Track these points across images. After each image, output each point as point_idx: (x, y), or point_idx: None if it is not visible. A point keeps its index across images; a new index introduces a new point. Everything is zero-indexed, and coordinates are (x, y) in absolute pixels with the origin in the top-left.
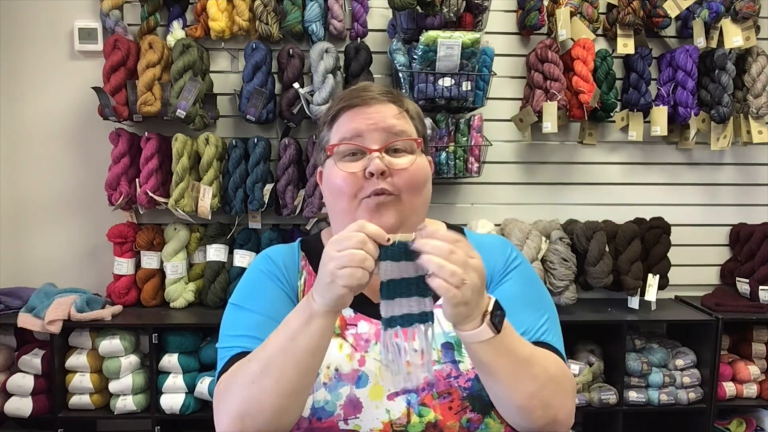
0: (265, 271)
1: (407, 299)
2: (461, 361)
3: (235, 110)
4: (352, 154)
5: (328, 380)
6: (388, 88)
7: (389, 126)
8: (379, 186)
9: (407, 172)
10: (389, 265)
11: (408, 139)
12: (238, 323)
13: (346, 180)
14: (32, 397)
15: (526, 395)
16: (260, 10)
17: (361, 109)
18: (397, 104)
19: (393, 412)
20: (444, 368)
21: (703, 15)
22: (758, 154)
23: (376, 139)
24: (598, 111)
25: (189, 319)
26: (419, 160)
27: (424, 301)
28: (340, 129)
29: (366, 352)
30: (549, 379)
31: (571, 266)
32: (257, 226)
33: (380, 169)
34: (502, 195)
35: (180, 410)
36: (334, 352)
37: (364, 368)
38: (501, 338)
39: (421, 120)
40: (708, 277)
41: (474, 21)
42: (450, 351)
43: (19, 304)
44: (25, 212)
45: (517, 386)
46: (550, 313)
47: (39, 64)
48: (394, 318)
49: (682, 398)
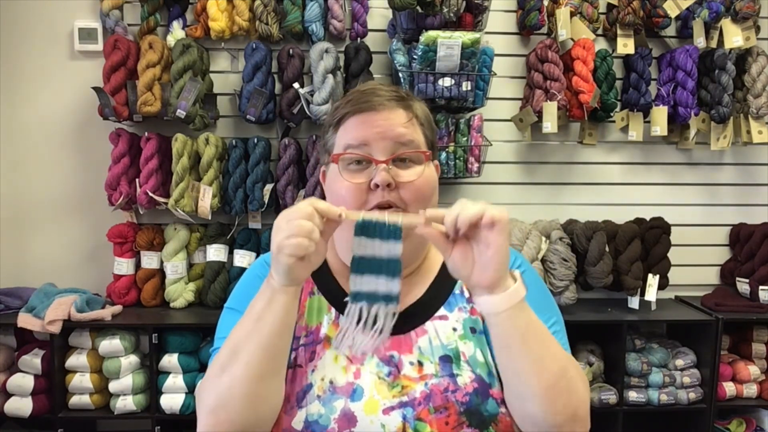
0: (261, 276)
1: (375, 277)
2: (459, 374)
3: (235, 110)
4: (357, 162)
5: (323, 393)
6: (398, 91)
7: (397, 135)
8: (385, 198)
9: (414, 186)
10: (362, 240)
11: (416, 152)
12: (229, 326)
13: (351, 192)
14: (32, 397)
15: (553, 374)
16: (260, 10)
17: (368, 115)
18: (406, 110)
19: (388, 427)
20: (441, 382)
21: (703, 15)
22: (758, 154)
23: (382, 148)
24: (598, 111)
25: (189, 319)
26: (427, 172)
27: (393, 282)
28: (346, 135)
29: (362, 364)
30: (569, 361)
31: (571, 266)
32: (257, 226)
33: (386, 182)
34: (502, 195)
35: (180, 410)
36: (330, 364)
37: (359, 381)
38: (527, 307)
39: (430, 125)
40: (708, 277)
41: (474, 21)
42: (448, 364)
43: (19, 304)
44: (25, 212)
45: (544, 363)
46: (556, 317)
47: (39, 64)
48: (360, 293)
49: (682, 398)
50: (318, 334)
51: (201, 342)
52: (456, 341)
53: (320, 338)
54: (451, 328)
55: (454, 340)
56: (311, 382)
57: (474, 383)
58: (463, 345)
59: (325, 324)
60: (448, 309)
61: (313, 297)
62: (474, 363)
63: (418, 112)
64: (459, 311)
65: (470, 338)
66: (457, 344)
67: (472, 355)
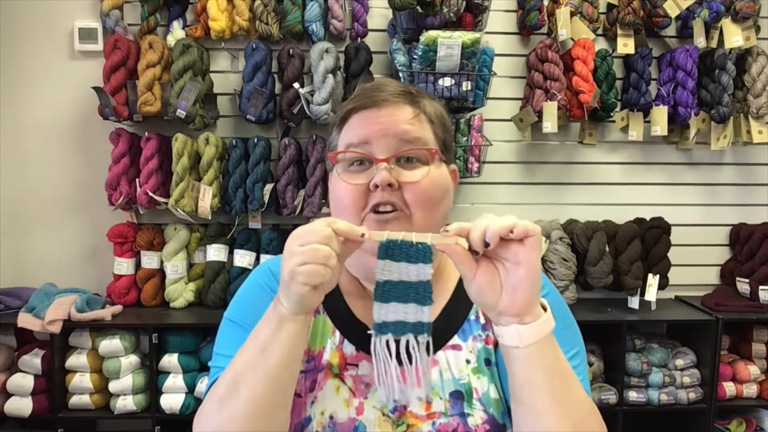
0: (264, 286)
1: (403, 305)
2: (470, 414)
3: (235, 110)
4: (359, 162)
5: (322, 429)
6: (407, 87)
7: (401, 132)
8: (384, 199)
9: (418, 187)
10: (388, 264)
11: (420, 149)
12: (230, 342)
13: (350, 193)
14: (32, 397)
15: (574, 421)
16: (260, 10)
17: (371, 111)
18: (413, 106)
19: None
20: (450, 422)
21: (703, 15)
22: (758, 154)
23: (384, 147)
24: (598, 111)
25: (189, 319)
26: (435, 172)
27: (422, 310)
28: (348, 134)
29: (365, 398)
30: (591, 407)
31: (571, 266)
32: (257, 226)
33: (386, 182)
34: (502, 195)
35: (180, 410)
36: (330, 396)
37: (362, 417)
38: (554, 341)
39: (443, 123)
40: (708, 277)
41: (474, 21)
42: (459, 402)
43: (19, 304)
44: (25, 212)
45: (567, 406)
46: (578, 347)
47: (39, 64)
48: (387, 324)
49: (682, 398)
50: (320, 360)
51: (201, 342)
52: (469, 375)
53: (322, 365)
54: (464, 360)
55: (466, 374)
56: (310, 416)
57: (486, 425)
58: (477, 380)
59: (328, 349)
60: (462, 338)
61: (318, 317)
62: (487, 401)
63: (427, 108)
64: (474, 340)
65: (484, 372)
66: (469, 379)
67: (485, 392)
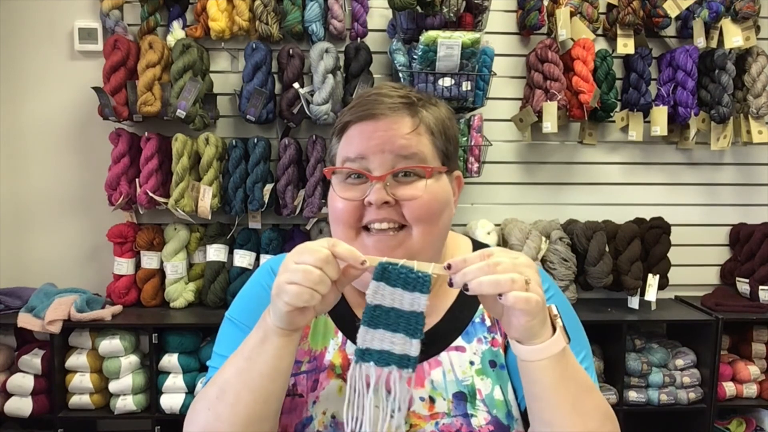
0: (266, 286)
1: (391, 334)
2: (474, 415)
3: (235, 110)
4: (356, 176)
5: (323, 428)
6: (408, 93)
7: (398, 147)
8: (380, 216)
9: (417, 203)
10: (381, 287)
11: (417, 167)
12: (230, 342)
13: (345, 208)
14: (32, 397)
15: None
16: (260, 10)
17: (368, 124)
18: (413, 117)
19: None
20: (453, 423)
21: (703, 15)
22: (758, 154)
23: (381, 162)
24: (598, 111)
25: (189, 319)
26: (433, 186)
27: (411, 342)
28: (345, 147)
29: None
30: (605, 414)
31: (571, 266)
32: (257, 226)
33: (381, 201)
34: (502, 195)
35: (180, 410)
36: (333, 396)
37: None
38: (568, 354)
39: (444, 132)
40: (708, 277)
41: (474, 21)
42: (462, 403)
43: (19, 304)
44: (25, 212)
45: (580, 417)
46: (586, 350)
47: (39, 64)
48: (371, 351)
49: (682, 398)
50: (322, 360)
51: (201, 342)
52: (472, 377)
53: (324, 365)
54: (468, 362)
55: (470, 376)
56: (312, 415)
57: (490, 426)
58: (480, 381)
59: (330, 350)
60: (466, 339)
61: (319, 317)
62: (491, 403)
63: (428, 119)
64: (478, 342)
65: (489, 374)
66: (473, 380)
67: (488, 394)
